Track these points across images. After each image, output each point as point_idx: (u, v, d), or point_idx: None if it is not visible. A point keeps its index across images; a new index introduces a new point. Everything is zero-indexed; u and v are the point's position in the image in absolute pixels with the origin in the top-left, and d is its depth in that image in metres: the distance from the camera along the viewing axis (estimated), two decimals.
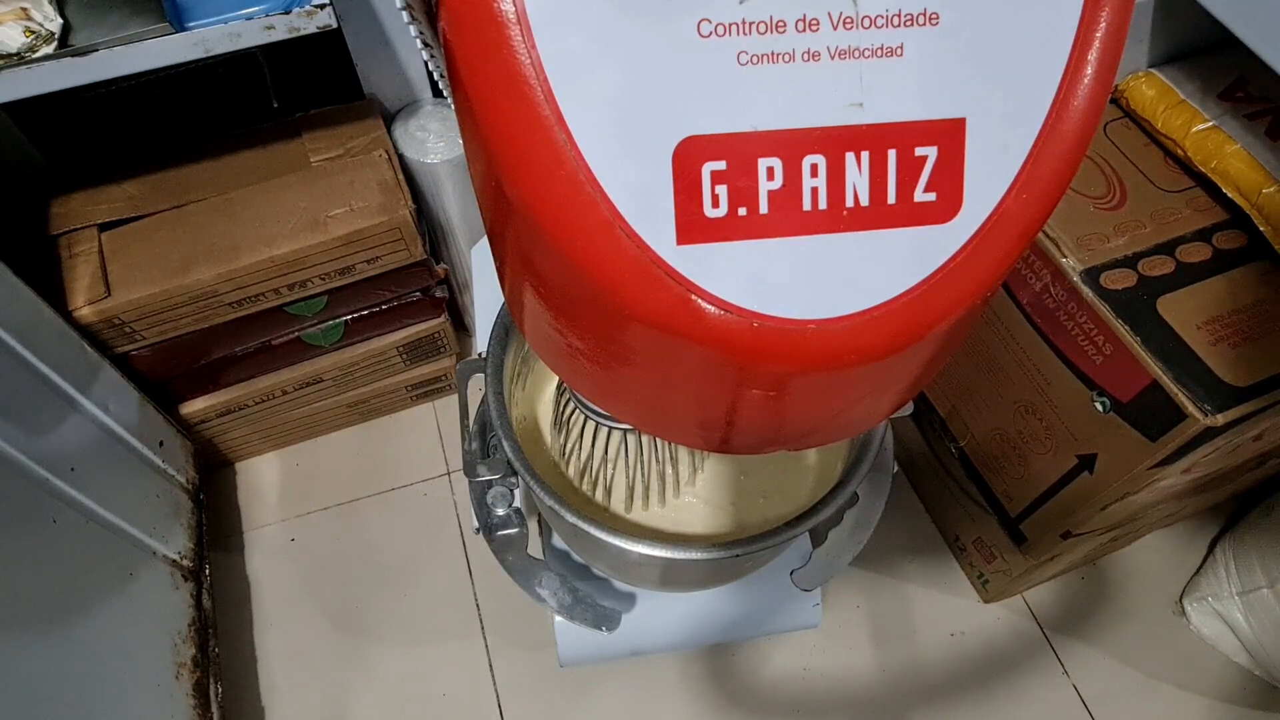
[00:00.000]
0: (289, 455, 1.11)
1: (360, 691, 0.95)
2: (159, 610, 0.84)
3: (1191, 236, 0.69)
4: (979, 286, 0.25)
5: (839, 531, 0.62)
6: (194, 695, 0.84)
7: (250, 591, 1.01)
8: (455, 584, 1.01)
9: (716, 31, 0.22)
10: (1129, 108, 0.76)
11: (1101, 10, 0.23)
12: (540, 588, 0.61)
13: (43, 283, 0.78)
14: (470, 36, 0.22)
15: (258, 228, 0.84)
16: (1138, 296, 0.65)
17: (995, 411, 0.82)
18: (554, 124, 0.22)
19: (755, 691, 0.95)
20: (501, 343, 0.56)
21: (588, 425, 0.55)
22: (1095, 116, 0.24)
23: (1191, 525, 1.05)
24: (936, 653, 0.98)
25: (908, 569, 1.03)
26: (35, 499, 0.70)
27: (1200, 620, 0.98)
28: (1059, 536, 0.80)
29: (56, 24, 0.64)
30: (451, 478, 1.09)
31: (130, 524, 0.82)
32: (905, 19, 0.23)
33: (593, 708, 0.94)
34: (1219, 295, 0.65)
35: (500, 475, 0.59)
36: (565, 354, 0.31)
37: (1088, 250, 0.67)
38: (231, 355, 0.94)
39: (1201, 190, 0.71)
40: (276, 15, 0.69)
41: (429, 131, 0.94)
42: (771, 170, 0.23)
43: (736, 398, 0.28)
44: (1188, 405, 0.60)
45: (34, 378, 0.73)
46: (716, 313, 0.24)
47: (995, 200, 0.24)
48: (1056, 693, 0.95)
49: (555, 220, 0.23)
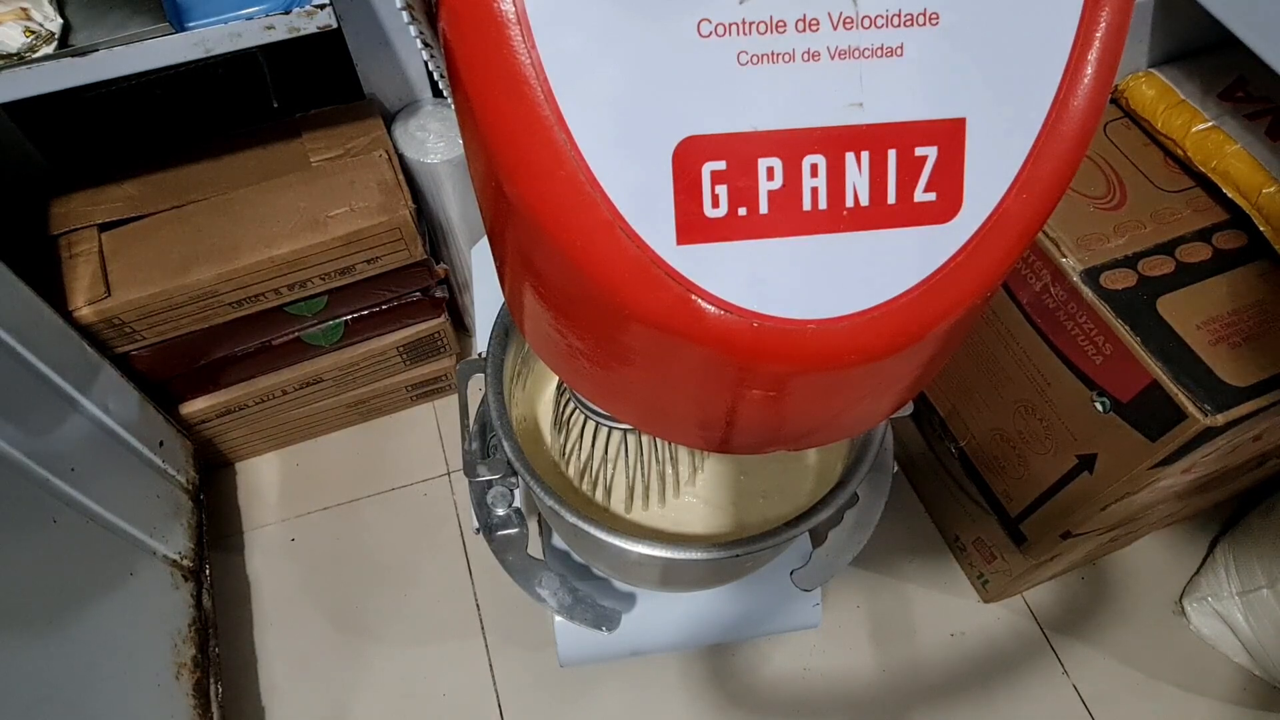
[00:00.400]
0: (289, 455, 1.11)
1: (360, 691, 0.95)
2: (159, 610, 0.84)
3: (1191, 236, 0.69)
4: (979, 286, 0.25)
5: (839, 531, 0.62)
6: (194, 695, 0.84)
7: (250, 591, 1.01)
8: (455, 584, 1.01)
9: (716, 31, 0.22)
10: (1129, 108, 0.76)
11: (1101, 10, 0.23)
12: (540, 588, 0.61)
13: (43, 283, 0.78)
14: (470, 36, 0.22)
15: (258, 228, 0.84)
16: (1138, 296, 0.65)
17: (995, 411, 0.82)
18: (554, 124, 0.22)
19: (755, 691, 0.95)
20: (501, 343, 0.56)
21: (588, 425, 0.55)
22: (1095, 116, 0.24)
23: (1191, 525, 1.05)
24: (936, 653, 0.98)
25: (908, 569, 1.03)
26: (35, 499, 0.70)
27: (1200, 620, 0.98)
28: (1059, 536, 0.80)
29: (56, 24, 0.64)
30: (451, 478, 1.09)
31: (130, 524, 0.82)
32: (905, 19, 0.23)
33: (593, 708, 0.94)
34: (1219, 295, 0.65)
35: (500, 475, 0.59)
36: (565, 354, 0.31)
37: (1088, 250, 0.67)
38: (231, 355, 0.94)
39: (1201, 190, 0.71)
40: (276, 15, 0.69)
41: (429, 131, 0.94)
42: (771, 170, 0.23)
43: (736, 398, 0.28)
44: (1188, 405, 0.60)
45: (34, 378, 0.73)
46: (716, 313, 0.24)
47: (995, 200, 0.24)
48: (1056, 693, 0.95)
49: (555, 220, 0.23)
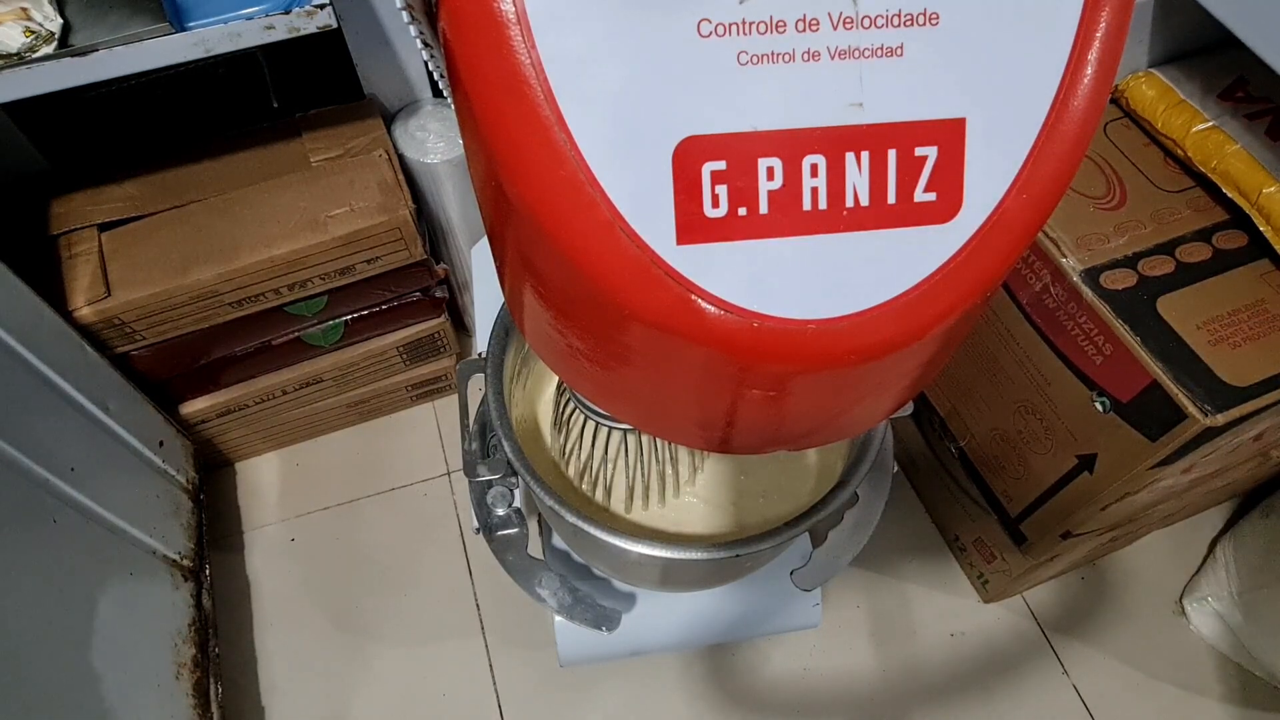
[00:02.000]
0: (289, 455, 1.11)
1: (360, 691, 0.95)
2: (159, 610, 0.84)
3: (1191, 236, 0.69)
4: (979, 286, 0.25)
5: (839, 531, 0.62)
6: (194, 695, 0.84)
7: (250, 591, 1.01)
8: (455, 584, 1.01)
9: (716, 31, 0.22)
10: (1129, 108, 0.76)
11: (1101, 10, 0.23)
12: (540, 588, 0.61)
13: (43, 283, 0.78)
14: (470, 36, 0.22)
15: (258, 228, 0.84)
16: (1138, 296, 0.65)
17: (995, 411, 0.82)
18: (554, 124, 0.22)
19: (755, 691, 0.95)
20: (501, 343, 0.56)
21: (588, 425, 0.55)
22: (1095, 116, 0.24)
23: (1191, 525, 1.05)
24: (936, 653, 0.98)
25: (908, 569, 1.03)
26: (35, 499, 0.70)
27: (1200, 620, 0.98)
28: (1059, 536, 0.80)
29: (56, 24, 0.64)
30: (451, 478, 1.09)
31: (130, 524, 0.82)
32: (905, 19, 0.23)
33: (593, 708, 0.94)
34: (1219, 295, 0.65)
35: (500, 475, 0.59)
36: (565, 354, 0.31)
37: (1088, 250, 0.67)
38: (231, 355, 0.94)
39: (1201, 190, 0.71)
40: (276, 15, 0.69)
41: (429, 131, 0.94)
42: (771, 170, 0.23)
43: (736, 398, 0.28)
44: (1188, 405, 0.60)
45: (34, 378, 0.73)
46: (716, 313, 0.24)
47: (995, 200, 0.24)
48: (1056, 693, 0.95)
49: (555, 220, 0.23)
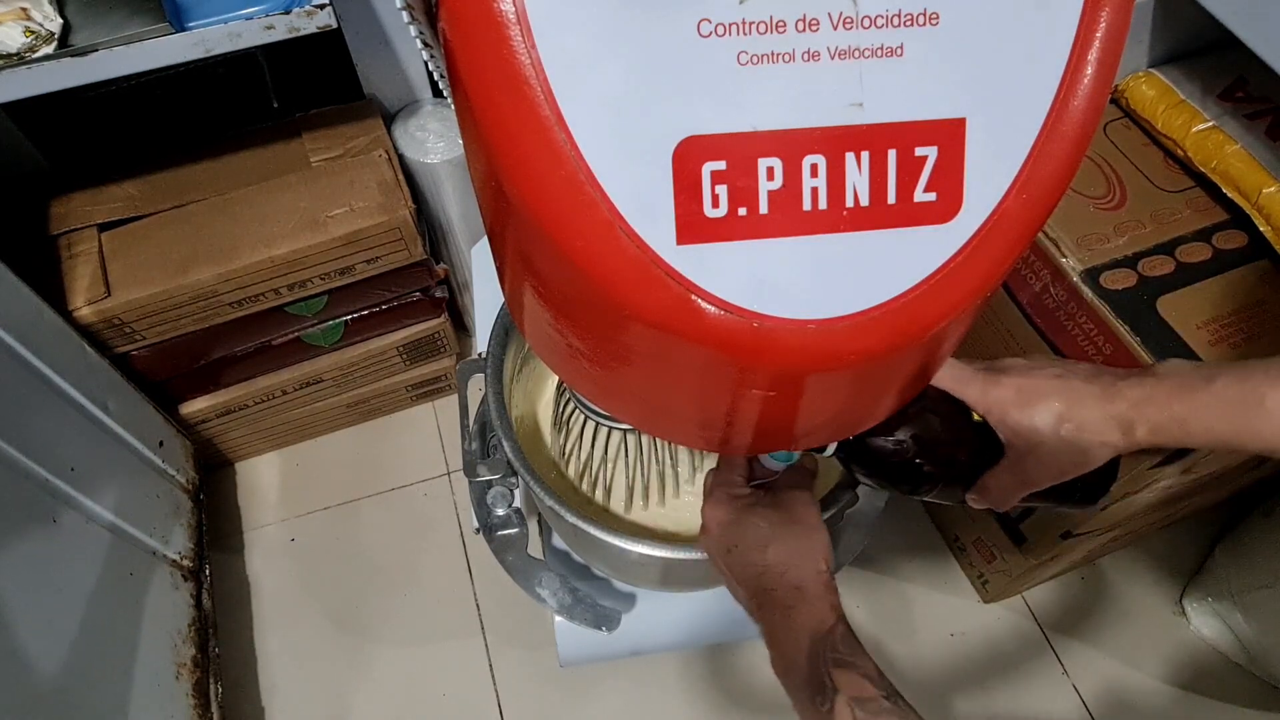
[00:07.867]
0: (289, 455, 1.11)
1: (360, 691, 0.95)
2: (159, 610, 0.84)
3: (1191, 236, 0.69)
4: (979, 286, 0.25)
5: (839, 531, 0.62)
6: (194, 695, 0.84)
7: (250, 591, 1.01)
8: (455, 584, 1.01)
9: (716, 31, 0.22)
10: (1129, 108, 0.76)
11: (1101, 10, 0.23)
12: (540, 588, 0.61)
13: (43, 283, 0.78)
14: (470, 36, 0.22)
15: (258, 228, 0.84)
16: (1138, 296, 0.65)
17: None
18: (554, 124, 0.22)
19: (755, 691, 0.95)
20: (501, 343, 0.56)
21: (588, 425, 0.55)
22: (1095, 116, 0.24)
23: (1191, 525, 1.05)
24: (936, 653, 0.98)
25: (908, 569, 1.03)
26: (35, 499, 0.70)
27: (1200, 620, 0.98)
28: (1058, 537, 0.80)
29: (56, 24, 0.64)
30: (451, 478, 1.09)
31: (130, 524, 0.82)
32: (905, 19, 0.23)
33: (593, 708, 0.94)
34: (1219, 295, 0.65)
35: (500, 475, 0.59)
36: (565, 354, 0.31)
37: (1088, 250, 0.67)
38: (231, 355, 0.94)
39: (1201, 190, 0.71)
40: (276, 15, 0.69)
41: (429, 131, 0.94)
42: (771, 170, 0.23)
43: (736, 398, 0.28)
44: None
45: (34, 378, 0.73)
46: (717, 313, 0.24)
47: (995, 200, 0.24)
48: (1056, 693, 0.95)
49: (555, 220, 0.23)
